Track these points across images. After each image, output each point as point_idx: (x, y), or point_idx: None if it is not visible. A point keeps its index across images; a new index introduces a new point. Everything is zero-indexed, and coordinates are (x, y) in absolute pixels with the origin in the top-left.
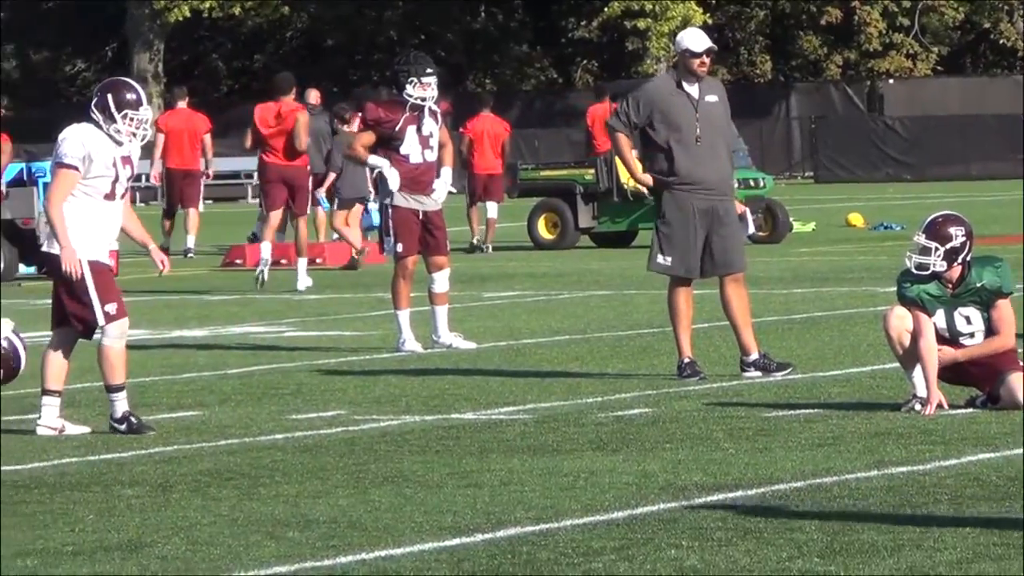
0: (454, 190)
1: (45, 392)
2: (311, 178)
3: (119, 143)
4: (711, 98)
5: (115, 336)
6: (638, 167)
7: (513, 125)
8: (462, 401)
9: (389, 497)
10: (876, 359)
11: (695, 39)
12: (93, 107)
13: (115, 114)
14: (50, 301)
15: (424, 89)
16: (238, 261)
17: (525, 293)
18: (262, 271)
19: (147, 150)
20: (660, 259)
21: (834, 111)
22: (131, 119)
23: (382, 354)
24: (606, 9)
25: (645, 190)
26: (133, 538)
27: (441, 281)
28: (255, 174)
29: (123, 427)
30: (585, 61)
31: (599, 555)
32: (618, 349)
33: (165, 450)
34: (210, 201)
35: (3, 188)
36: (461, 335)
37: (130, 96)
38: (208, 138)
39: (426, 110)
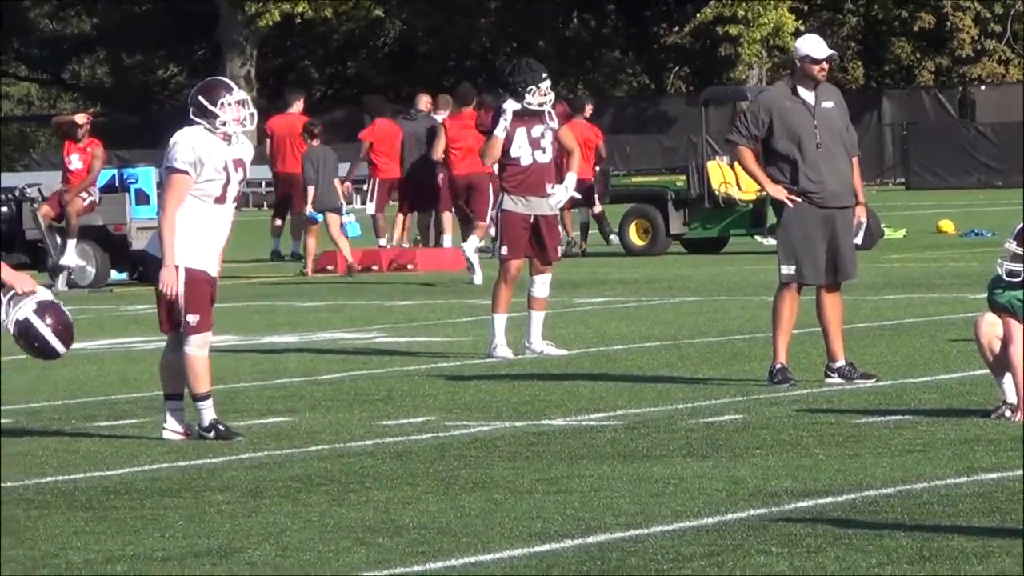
0: (578, 195)
1: (168, 397)
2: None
3: (229, 137)
4: (827, 104)
5: (197, 345)
6: (767, 179)
7: (605, 131)
8: (552, 407)
9: (479, 503)
10: (966, 365)
11: (816, 46)
12: (193, 115)
13: (213, 109)
14: (142, 307)
15: (543, 95)
16: (329, 267)
17: (616, 299)
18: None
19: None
20: (785, 269)
21: (926, 117)
22: (228, 104)
23: (472, 360)
24: (698, 15)
25: (786, 200)
26: (223, 544)
27: (541, 286)
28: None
29: (211, 435)
30: (677, 67)
31: (688, 561)
32: (709, 355)
33: (256, 456)
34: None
35: (96, 194)
36: (552, 343)
37: (219, 87)
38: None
39: (544, 113)
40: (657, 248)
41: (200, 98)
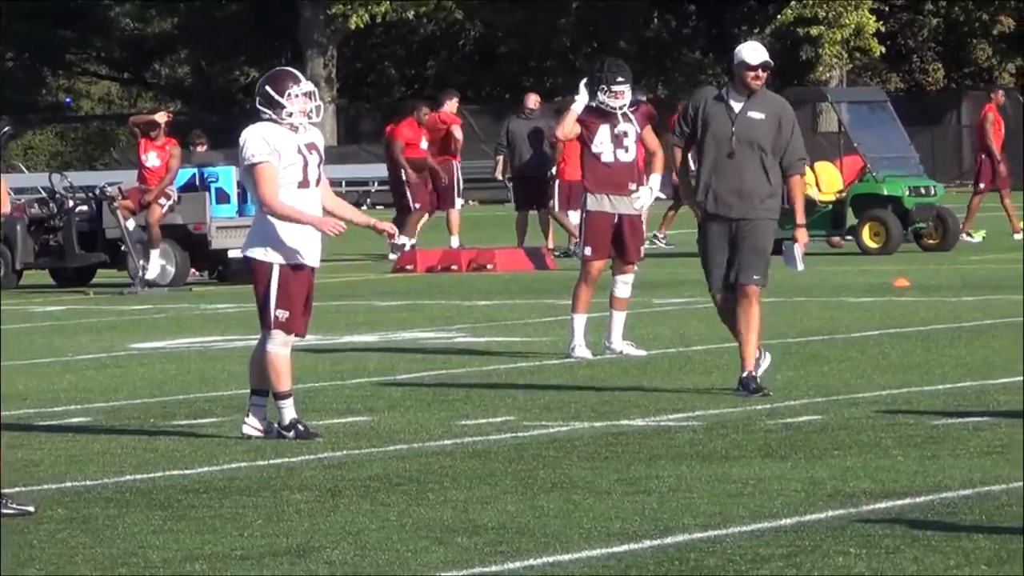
0: (663, 196)
1: (254, 392)
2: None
3: (296, 128)
4: (756, 115)
5: (279, 343)
6: (687, 184)
7: None
8: (631, 407)
9: (557, 503)
10: None
11: (751, 52)
12: (260, 105)
13: (280, 100)
14: (221, 306)
15: (615, 97)
16: (408, 267)
17: (695, 299)
18: None
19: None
20: (706, 277)
21: (1006, 119)
22: (296, 95)
23: (551, 360)
24: (779, 16)
25: (692, 209)
26: (301, 543)
27: (623, 286)
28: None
29: (291, 434)
30: None
31: (767, 562)
32: (787, 356)
33: (334, 455)
34: (381, 207)
35: (175, 193)
36: (633, 343)
37: (286, 77)
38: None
39: (618, 114)
40: None
41: (268, 88)
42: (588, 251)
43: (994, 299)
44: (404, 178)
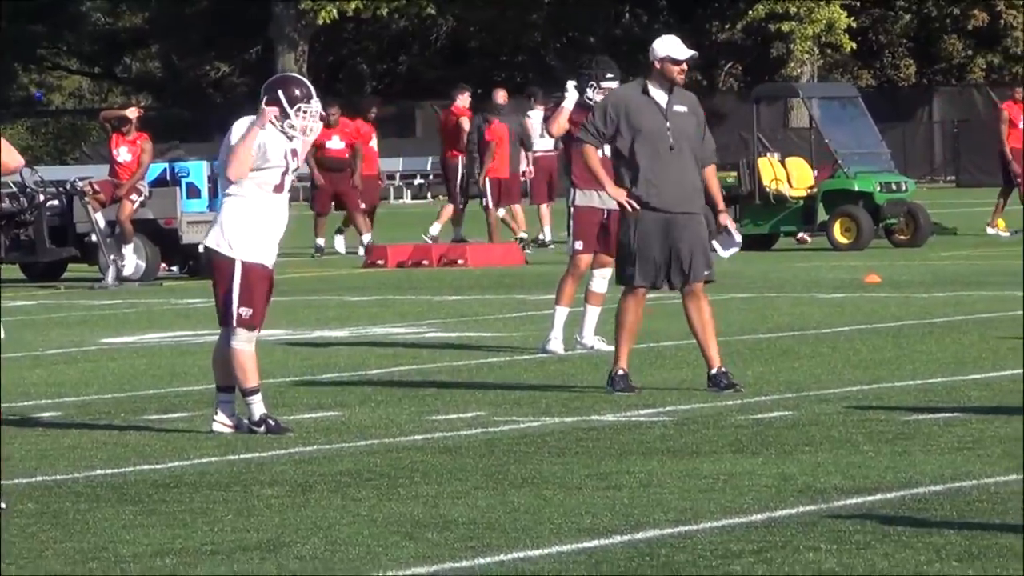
0: None
1: (220, 389)
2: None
3: (291, 138)
4: (680, 108)
5: (244, 340)
6: (610, 180)
7: None
8: (602, 403)
9: (528, 498)
10: (1016, 363)
11: (677, 47)
12: (264, 106)
13: (288, 110)
14: (192, 301)
15: (604, 94)
16: (379, 262)
17: (666, 295)
18: None
19: None
20: (628, 271)
21: (977, 115)
22: (304, 112)
23: (522, 355)
24: (750, 12)
25: (626, 205)
26: (272, 538)
27: (600, 281)
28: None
29: (261, 429)
30: (729, 64)
31: (737, 558)
32: (758, 352)
33: (305, 450)
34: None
35: (146, 188)
36: (603, 339)
37: (300, 91)
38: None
39: None
40: None
41: (280, 92)
42: (579, 245)
43: (965, 295)
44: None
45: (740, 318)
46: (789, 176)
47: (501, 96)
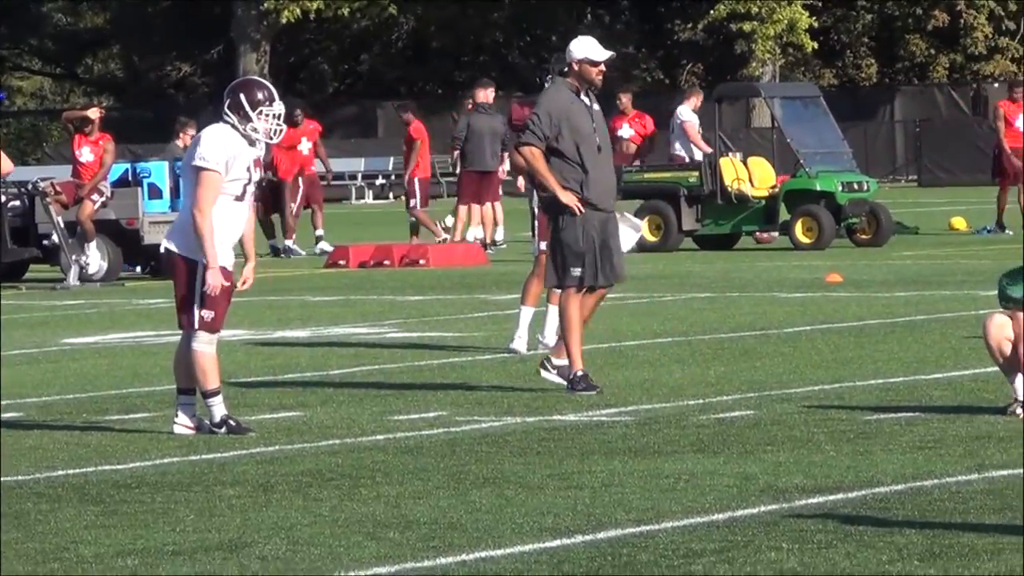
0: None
1: (181, 392)
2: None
3: (254, 143)
4: (596, 108)
5: (205, 342)
6: (558, 184)
7: None
8: (563, 402)
9: (489, 498)
10: (978, 362)
11: (596, 48)
12: (227, 109)
13: (250, 113)
14: (153, 301)
15: None
16: (341, 262)
17: (628, 295)
18: None
19: None
20: (574, 272)
21: (938, 114)
22: (267, 115)
23: (484, 355)
24: (712, 12)
25: (576, 208)
26: (234, 538)
27: None
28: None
29: (223, 431)
30: (691, 63)
31: (699, 557)
32: (720, 352)
33: (266, 450)
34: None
35: (108, 188)
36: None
37: (262, 93)
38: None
39: None
40: (669, 244)
41: (241, 96)
42: (544, 245)
43: (927, 294)
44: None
45: (702, 318)
46: (751, 176)
47: (481, 94)
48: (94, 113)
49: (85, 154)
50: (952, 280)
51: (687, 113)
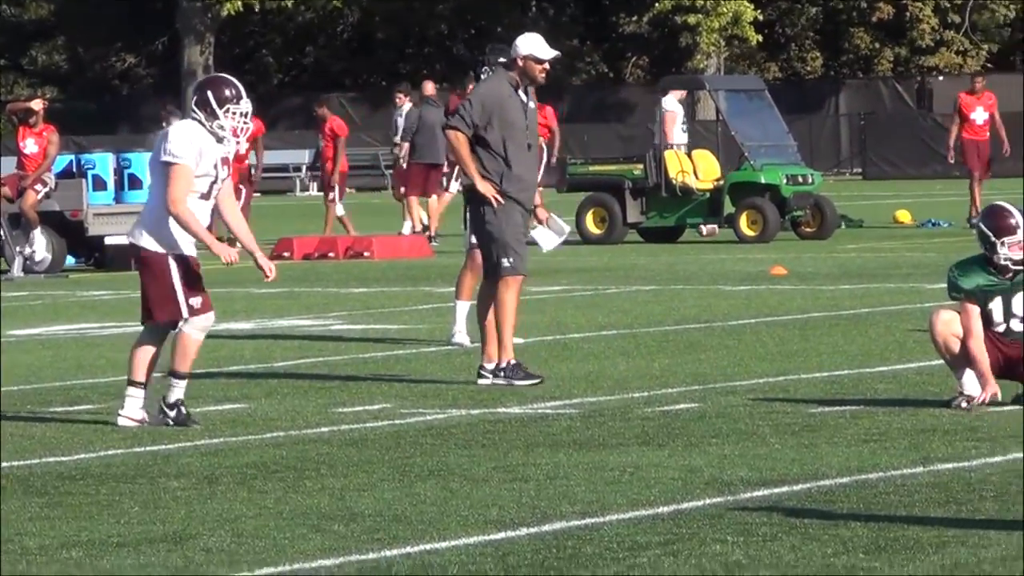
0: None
1: (131, 383)
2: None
3: (221, 140)
4: (532, 105)
5: (198, 328)
6: (479, 173)
7: (563, 120)
8: (508, 395)
9: (434, 491)
10: (923, 355)
11: (541, 46)
12: (194, 106)
13: (217, 110)
14: (97, 293)
15: None
16: (285, 254)
17: (572, 288)
18: None
19: None
20: (506, 263)
21: (883, 107)
22: (233, 113)
23: (428, 348)
24: (657, 4)
25: (493, 200)
26: (178, 530)
27: None
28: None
29: (172, 413)
30: (635, 56)
31: (644, 550)
32: (665, 344)
33: (211, 442)
34: (258, 194)
35: (52, 180)
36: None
37: (230, 91)
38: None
39: None
40: (614, 237)
41: (208, 93)
42: (474, 239)
43: (872, 287)
44: None
45: (646, 310)
46: (696, 168)
47: (429, 87)
48: (38, 104)
49: (29, 146)
50: (897, 273)
51: (671, 103)
